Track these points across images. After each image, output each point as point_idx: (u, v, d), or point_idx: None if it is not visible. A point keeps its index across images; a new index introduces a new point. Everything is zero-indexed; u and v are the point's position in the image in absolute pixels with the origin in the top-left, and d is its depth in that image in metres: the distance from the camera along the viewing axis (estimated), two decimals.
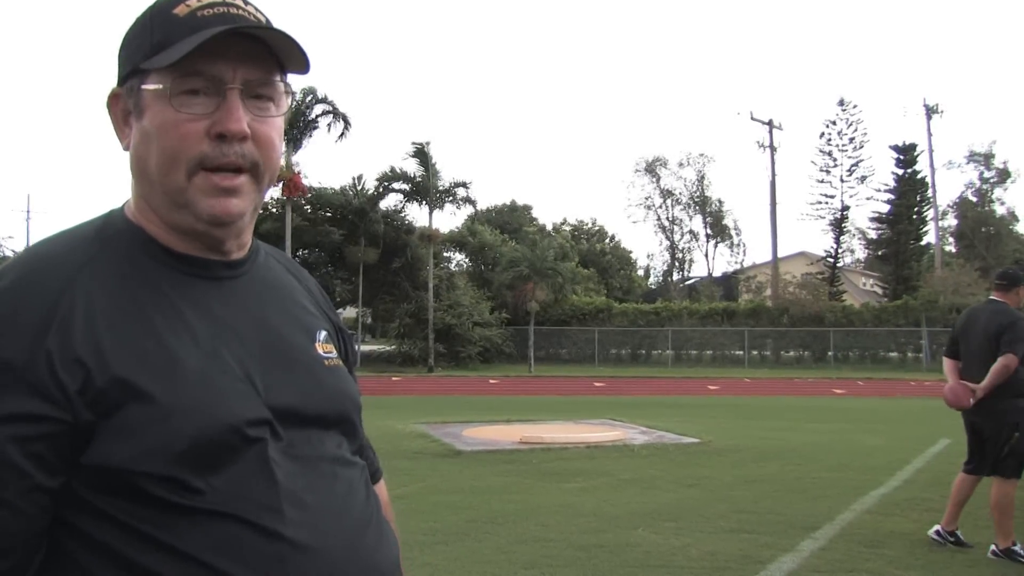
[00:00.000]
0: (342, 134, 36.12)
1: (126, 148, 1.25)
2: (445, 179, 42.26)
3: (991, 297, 7.31)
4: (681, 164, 66.34)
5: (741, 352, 44.46)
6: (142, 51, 1.21)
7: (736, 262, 66.55)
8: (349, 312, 49.08)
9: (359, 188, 44.13)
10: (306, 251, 42.79)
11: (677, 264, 69.18)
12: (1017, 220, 63.84)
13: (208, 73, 1.18)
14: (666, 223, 67.85)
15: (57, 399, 1.08)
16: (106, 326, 1.12)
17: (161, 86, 1.18)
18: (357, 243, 41.69)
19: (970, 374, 7.02)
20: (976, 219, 59.87)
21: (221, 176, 1.19)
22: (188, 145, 1.18)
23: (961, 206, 61.38)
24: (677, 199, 66.77)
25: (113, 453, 1.09)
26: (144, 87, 1.20)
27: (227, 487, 1.13)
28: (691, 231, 67.86)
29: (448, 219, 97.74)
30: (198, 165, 1.18)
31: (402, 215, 43.93)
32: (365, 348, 44.55)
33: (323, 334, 1.37)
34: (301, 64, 1.25)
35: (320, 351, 1.34)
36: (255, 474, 1.15)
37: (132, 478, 1.09)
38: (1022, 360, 6.84)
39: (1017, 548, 6.64)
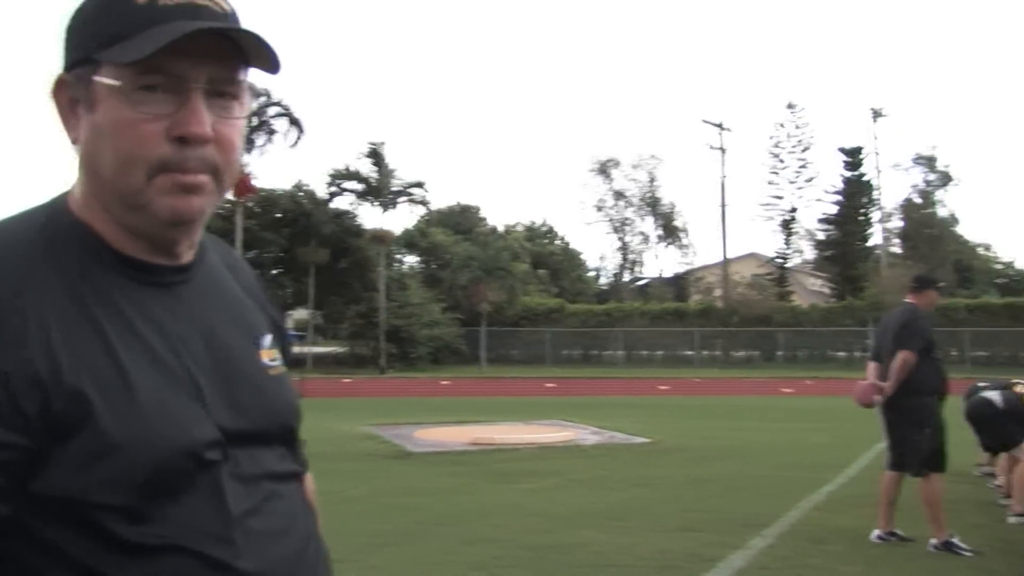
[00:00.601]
0: (297, 139, 35.94)
1: (75, 142, 1.15)
2: (398, 180, 42.15)
3: (905, 300, 7.60)
4: (634, 166, 66.46)
5: (691, 352, 44.77)
6: (96, 39, 1.10)
7: (686, 263, 66.90)
8: (300, 314, 48.74)
9: (309, 188, 43.89)
10: (255, 253, 42.41)
11: (628, 265, 69.40)
12: (958, 222, 65.07)
13: (169, 70, 1.09)
14: (618, 224, 68.04)
15: (16, 424, 1.00)
16: (61, 342, 1.04)
17: (118, 82, 1.09)
18: (307, 244, 41.43)
19: (885, 375, 7.22)
20: (920, 221, 60.76)
21: (183, 174, 1.11)
22: (146, 147, 1.09)
23: (906, 208, 62.28)
24: (629, 201, 66.98)
25: (66, 481, 1.01)
26: (97, 79, 1.10)
27: (180, 516, 1.07)
28: (642, 232, 68.10)
29: (400, 219, 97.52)
30: (158, 168, 1.10)
31: (353, 216, 43.77)
32: (316, 350, 44.25)
33: (267, 339, 1.30)
34: (270, 64, 1.15)
35: (265, 359, 1.27)
36: (207, 500, 1.09)
37: (84, 509, 1.02)
38: (924, 358, 7.07)
39: (955, 540, 6.79)
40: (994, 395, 8.56)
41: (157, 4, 1.09)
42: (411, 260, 54.69)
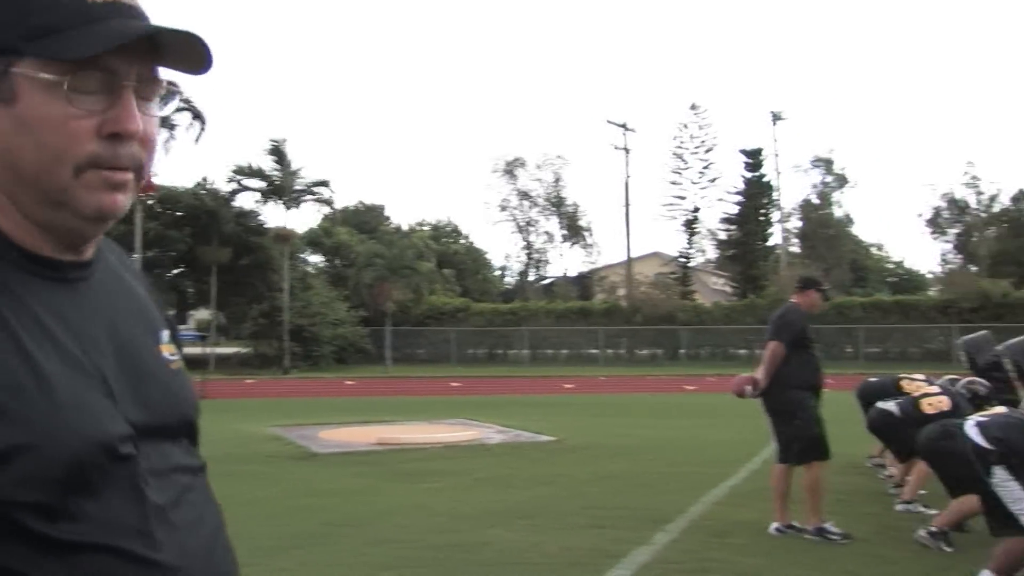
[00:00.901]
0: (200, 134, 35.21)
1: None
2: (302, 178, 41.69)
3: (790, 299, 7.92)
4: (538, 166, 66.81)
5: (596, 351, 45.16)
6: (16, 30, 1.07)
7: (591, 262, 67.47)
8: (202, 314, 47.87)
9: (212, 186, 43.13)
10: (155, 252, 41.54)
11: (533, 264, 69.76)
12: (853, 222, 67.06)
13: (106, 67, 1.08)
14: (522, 224, 68.35)
15: None
16: None
17: (52, 77, 1.06)
18: (209, 243, 40.71)
19: None
20: (817, 221, 62.37)
21: (112, 171, 1.10)
22: (77, 144, 1.07)
23: (804, 208, 63.85)
24: (534, 201, 67.34)
25: None
26: (17, 71, 1.06)
27: (100, 512, 1.05)
28: (547, 232, 68.52)
29: (304, 218, 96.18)
30: (87, 165, 1.08)
31: (256, 215, 43.17)
32: (219, 351, 43.48)
33: (166, 334, 1.29)
34: (199, 65, 1.15)
35: (165, 353, 1.26)
36: (126, 495, 1.08)
37: (5, 509, 0.99)
38: (798, 352, 7.36)
39: (827, 526, 7.11)
40: (890, 405, 8.86)
41: (87, 0, 1.08)
42: (315, 259, 54.21)
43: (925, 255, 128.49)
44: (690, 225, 57.08)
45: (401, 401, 23.74)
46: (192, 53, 1.13)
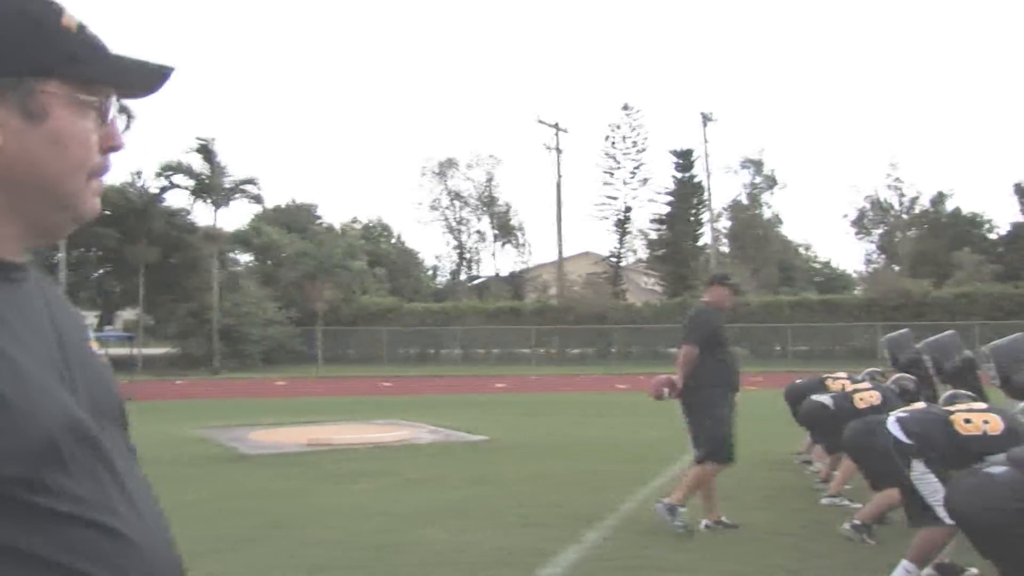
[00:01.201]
0: (127, 127, 34.58)
1: None
2: (230, 176, 41.21)
3: (702, 298, 8.20)
4: (470, 165, 66.87)
5: (527, 350, 45.26)
6: (44, 53, 1.21)
7: (523, 262, 67.69)
8: (129, 314, 47.06)
9: (140, 185, 42.44)
10: (80, 251, 40.74)
11: (465, 264, 69.78)
12: (781, 223, 68.18)
13: (103, 91, 1.27)
14: (454, 223, 68.36)
15: None
16: None
17: (88, 98, 1.24)
18: (137, 242, 40.02)
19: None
20: (747, 221, 63.32)
21: (99, 180, 1.28)
22: (94, 155, 1.25)
23: (734, 209, 64.77)
24: (465, 201, 67.39)
25: None
26: (48, 90, 1.21)
27: (78, 488, 1.12)
28: (479, 231, 68.62)
29: (233, 217, 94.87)
30: (91, 174, 1.26)
31: (185, 214, 42.60)
32: (146, 351, 42.77)
33: (90, 331, 1.39)
34: (150, 92, 1.34)
35: (95, 347, 1.36)
36: (97, 472, 1.16)
37: None
38: (711, 352, 7.55)
39: (679, 510, 7.36)
40: (825, 398, 9.05)
41: (86, 32, 1.25)
42: (245, 259, 53.56)
43: (851, 255, 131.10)
44: (621, 225, 57.52)
45: (332, 401, 23.58)
46: (154, 84, 1.33)
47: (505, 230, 67.79)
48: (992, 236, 58.38)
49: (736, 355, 8.33)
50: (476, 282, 66.60)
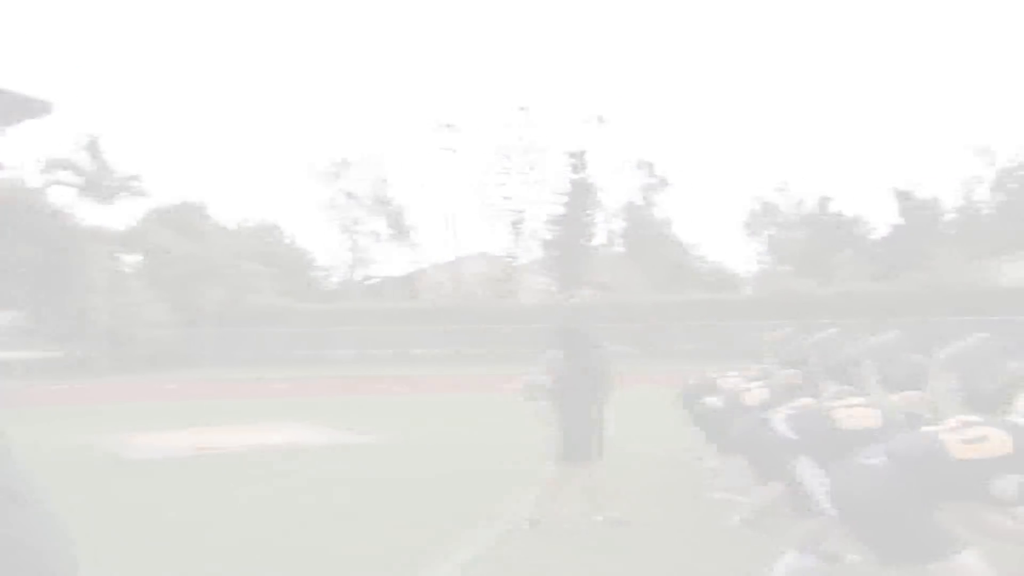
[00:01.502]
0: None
1: None
2: (116, 174, 40.21)
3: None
4: (364, 165, 66.33)
5: (422, 351, 45.12)
6: None
7: (417, 262, 67.43)
8: (6, 317, 45.41)
9: (19, 181, 41.04)
10: None
11: (358, 264, 69.18)
12: (672, 224, 69.42)
13: None
14: (347, 223, 67.72)
15: None
16: None
17: None
18: (16, 240, 38.67)
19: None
20: (639, 222, 64.24)
21: None
22: None
23: (627, 210, 65.66)
24: (359, 200, 66.82)
25: None
26: None
27: None
28: (373, 231, 68.10)
29: (120, 216, 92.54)
30: None
31: (68, 212, 41.36)
32: (25, 355, 41.32)
33: None
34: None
35: None
36: None
37: None
38: (577, 351, 7.73)
39: (535, 519, 7.57)
40: (715, 399, 9.20)
41: None
42: (131, 258, 52.21)
43: (741, 256, 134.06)
44: (516, 225, 57.84)
45: (222, 404, 23.15)
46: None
47: (399, 230, 67.45)
48: (872, 237, 60.49)
49: (608, 355, 8.44)
50: (370, 282, 66.14)
